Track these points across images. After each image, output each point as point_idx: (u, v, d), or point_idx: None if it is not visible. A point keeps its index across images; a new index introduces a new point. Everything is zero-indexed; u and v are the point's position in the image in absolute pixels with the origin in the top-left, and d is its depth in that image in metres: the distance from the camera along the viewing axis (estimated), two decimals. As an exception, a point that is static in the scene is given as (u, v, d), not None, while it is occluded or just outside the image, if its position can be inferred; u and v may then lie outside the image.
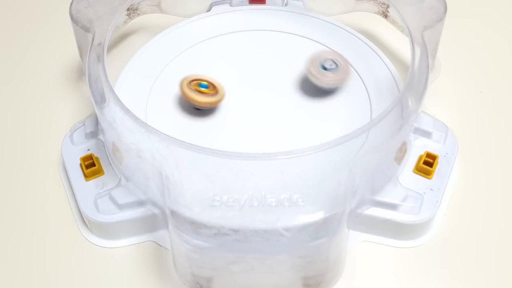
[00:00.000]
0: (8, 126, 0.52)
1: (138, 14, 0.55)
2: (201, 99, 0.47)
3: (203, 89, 0.47)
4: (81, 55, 0.50)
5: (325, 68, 0.48)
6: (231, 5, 0.56)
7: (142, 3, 0.55)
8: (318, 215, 0.38)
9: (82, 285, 0.43)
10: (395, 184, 0.44)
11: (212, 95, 0.48)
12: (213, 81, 0.48)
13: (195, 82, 0.48)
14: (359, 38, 0.53)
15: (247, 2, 0.56)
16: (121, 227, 0.44)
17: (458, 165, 0.48)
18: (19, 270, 0.44)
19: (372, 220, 0.44)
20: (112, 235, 0.45)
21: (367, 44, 0.52)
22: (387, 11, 0.54)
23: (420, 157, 0.46)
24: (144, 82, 0.50)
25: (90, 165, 0.46)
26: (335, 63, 0.49)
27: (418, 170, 0.45)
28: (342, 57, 0.49)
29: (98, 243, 0.45)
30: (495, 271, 0.44)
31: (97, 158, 0.46)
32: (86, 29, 0.47)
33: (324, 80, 0.48)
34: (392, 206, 0.43)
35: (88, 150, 0.47)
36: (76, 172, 0.46)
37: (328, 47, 0.52)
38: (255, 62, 0.52)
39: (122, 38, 0.57)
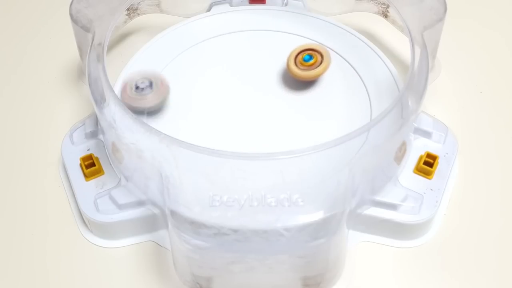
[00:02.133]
0: (8, 126, 0.52)
1: (138, 14, 0.55)
2: (303, 74, 0.49)
3: (307, 63, 0.49)
4: (81, 55, 0.50)
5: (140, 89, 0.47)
6: (231, 5, 0.56)
7: (142, 3, 0.55)
8: (318, 215, 0.38)
9: (82, 285, 0.43)
10: (395, 184, 0.44)
11: (314, 67, 0.49)
12: (320, 49, 0.49)
13: (301, 54, 0.49)
14: (359, 38, 0.53)
15: (247, 2, 0.56)
16: (121, 227, 0.44)
17: (458, 165, 0.48)
18: (19, 270, 0.44)
19: (372, 220, 0.44)
20: (112, 235, 0.45)
21: (367, 44, 0.52)
22: (387, 11, 0.54)
23: (420, 157, 0.46)
24: (144, 82, 0.50)
25: (90, 165, 0.46)
26: (149, 81, 0.47)
27: (418, 170, 0.45)
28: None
29: (98, 243, 0.45)
30: (495, 271, 0.44)
31: (97, 158, 0.46)
32: (86, 29, 0.47)
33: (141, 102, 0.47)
34: (392, 206, 0.43)
35: (88, 150, 0.47)
36: (76, 172, 0.46)
37: (330, 48, 0.52)
38: (255, 62, 0.52)
39: (122, 38, 0.57)
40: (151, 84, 0.47)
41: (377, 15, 0.54)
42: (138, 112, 0.46)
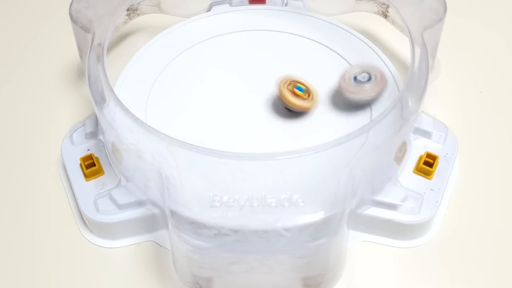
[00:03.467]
0: (8, 126, 0.52)
1: (138, 14, 0.55)
2: (295, 101, 0.47)
3: (299, 92, 0.47)
4: (81, 55, 0.50)
5: (359, 80, 0.48)
6: (231, 5, 0.56)
7: (142, 3, 0.55)
8: (318, 215, 0.38)
9: (82, 285, 0.43)
10: (395, 184, 0.44)
11: (306, 100, 0.47)
12: (310, 87, 0.48)
13: (293, 83, 0.48)
14: (359, 38, 0.53)
15: (247, 2, 0.56)
16: (121, 227, 0.44)
17: (458, 165, 0.48)
18: (19, 270, 0.44)
19: (372, 220, 0.44)
20: (112, 235, 0.45)
21: (367, 44, 0.52)
22: (387, 11, 0.54)
23: (420, 157, 0.46)
24: (144, 82, 0.50)
25: (90, 165, 0.46)
26: (368, 74, 0.48)
27: (418, 170, 0.45)
28: (376, 68, 0.49)
29: (98, 243, 0.45)
30: (495, 271, 0.44)
31: (97, 158, 0.46)
32: (86, 29, 0.47)
33: (360, 93, 0.47)
34: (392, 206, 0.43)
35: (88, 150, 0.47)
36: (76, 172, 0.46)
37: (330, 48, 0.52)
38: (255, 62, 0.52)
39: (122, 38, 0.57)
40: (370, 78, 0.48)
41: (377, 15, 0.54)
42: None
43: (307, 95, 0.48)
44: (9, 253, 0.45)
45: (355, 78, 0.48)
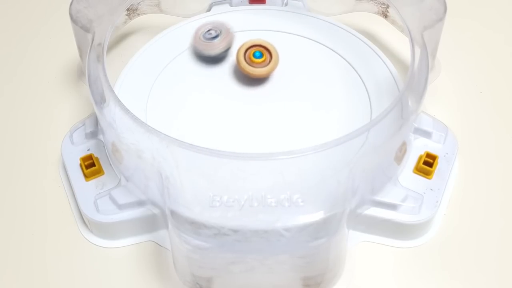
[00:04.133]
0: (8, 126, 0.52)
1: (138, 14, 0.55)
2: (252, 70, 0.49)
3: (257, 60, 0.49)
4: (81, 55, 0.50)
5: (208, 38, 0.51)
6: (231, 5, 0.56)
7: (142, 3, 0.55)
8: (318, 215, 0.38)
9: (82, 285, 0.43)
10: (395, 184, 0.44)
11: (264, 65, 0.49)
12: (270, 47, 0.49)
13: (250, 50, 0.49)
14: (359, 38, 0.53)
15: (247, 2, 0.56)
16: (121, 227, 0.44)
17: (458, 165, 0.48)
18: (19, 270, 0.44)
19: (372, 220, 0.44)
20: (112, 235, 0.45)
21: (367, 44, 0.52)
22: (387, 11, 0.54)
23: (420, 157, 0.46)
24: (144, 82, 0.50)
25: (90, 165, 0.46)
26: (215, 31, 0.51)
27: (418, 170, 0.45)
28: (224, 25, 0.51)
29: (98, 243, 0.45)
30: (495, 271, 0.44)
31: (97, 158, 0.46)
32: (86, 29, 0.47)
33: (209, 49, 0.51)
34: (392, 206, 0.43)
35: (88, 150, 0.47)
36: (76, 172, 0.46)
37: (330, 48, 0.52)
38: (255, 62, 0.52)
39: (122, 38, 0.57)
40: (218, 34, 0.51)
41: (377, 15, 0.54)
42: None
43: (265, 58, 0.49)
44: (9, 253, 0.45)
45: (204, 35, 0.51)
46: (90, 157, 0.46)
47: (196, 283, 0.42)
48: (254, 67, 0.49)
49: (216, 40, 0.51)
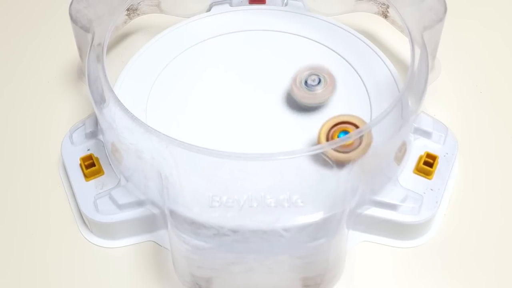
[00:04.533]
0: (8, 126, 0.52)
1: (138, 14, 0.55)
2: (337, 156, 0.41)
3: (344, 142, 0.40)
4: (81, 55, 0.50)
5: (308, 84, 0.47)
6: (231, 5, 0.56)
7: (142, 3, 0.55)
8: (318, 216, 0.38)
9: (82, 285, 0.43)
10: (395, 184, 0.44)
11: (351, 149, 0.40)
12: (358, 123, 0.42)
13: (337, 130, 0.42)
14: (359, 38, 0.53)
15: (247, 2, 0.56)
16: (121, 227, 0.44)
17: (458, 165, 0.48)
18: (19, 270, 0.44)
19: (372, 220, 0.44)
20: (112, 235, 0.45)
21: (367, 44, 0.52)
22: (387, 11, 0.54)
23: (420, 158, 0.46)
24: (144, 82, 0.50)
25: (90, 165, 0.46)
26: (317, 77, 0.47)
27: (418, 170, 0.45)
28: (326, 70, 0.47)
29: (98, 243, 0.45)
30: (495, 271, 0.44)
31: (97, 158, 0.46)
32: (86, 29, 0.47)
33: (309, 98, 0.47)
34: (392, 206, 0.43)
35: (88, 150, 0.47)
36: (76, 172, 0.46)
37: (330, 48, 0.52)
38: (254, 62, 0.52)
39: (122, 38, 0.57)
40: (320, 81, 0.47)
41: (377, 15, 0.54)
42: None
43: (355, 142, 0.41)
44: (8, 253, 0.45)
45: (305, 82, 0.47)
46: (90, 157, 0.46)
47: (196, 283, 0.42)
48: (341, 152, 0.41)
49: (319, 89, 0.46)
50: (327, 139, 0.42)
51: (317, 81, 0.47)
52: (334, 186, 0.39)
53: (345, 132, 0.41)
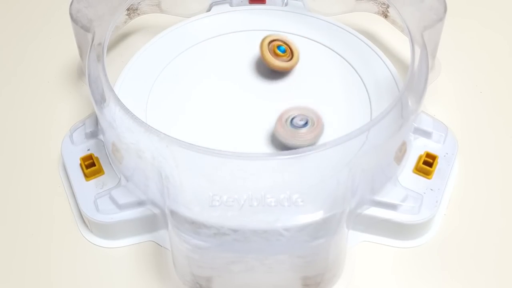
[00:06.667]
0: (8, 126, 0.52)
1: (138, 14, 0.55)
2: (275, 63, 0.50)
3: (280, 53, 0.50)
4: (81, 55, 0.50)
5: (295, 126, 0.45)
6: (231, 5, 0.56)
7: (142, 3, 0.55)
8: (318, 215, 0.38)
9: (82, 285, 0.43)
10: (395, 184, 0.44)
11: (287, 60, 0.50)
12: (292, 45, 0.50)
13: (274, 43, 0.50)
14: (359, 38, 0.53)
15: (247, 2, 0.56)
16: (121, 227, 0.44)
17: (458, 165, 0.48)
18: (19, 270, 0.44)
19: (372, 220, 0.44)
20: (112, 235, 0.45)
21: (367, 44, 0.52)
22: (387, 11, 0.54)
23: (420, 157, 0.46)
24: (144, 82, 0.50)
25: (90, 165, 0.46)
26: (305, 118, 0.46)
27: (418, 170, 0.45)
28: (312, 111, 0.46)
29: (98, 243, 0.45)
30: (495, 271, 0.44)
31: (97, 158, 0.46)
32: (86, 29, 0.47)
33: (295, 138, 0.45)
34: (392, 206, 0.43)
35: (88, 150, 0.47)
36: (76, 172, 0.46)
37: (330, 48, 0.52)
38: (255, 62, 0.52)
39: (122, 38, 0.57)
40: (307, 122, 0.45)
41: (377, 15, 0.55)
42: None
43: (288, 54, 0.50)
44: (8, 253, 0.45)
45: (291, 121, 0.45)
46: (90, 157, 0.46)
47: (196, 282, 0.42)
48: (279, 60, 0.50)
49: (303, 130, 0.45)
50: (269, 51, 0.50)
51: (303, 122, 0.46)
52: (334, 186, 0.39)
53: (281, 46, 0.50)
